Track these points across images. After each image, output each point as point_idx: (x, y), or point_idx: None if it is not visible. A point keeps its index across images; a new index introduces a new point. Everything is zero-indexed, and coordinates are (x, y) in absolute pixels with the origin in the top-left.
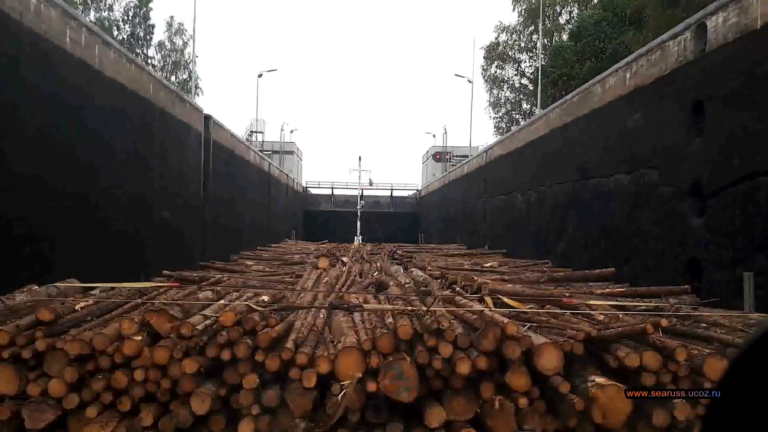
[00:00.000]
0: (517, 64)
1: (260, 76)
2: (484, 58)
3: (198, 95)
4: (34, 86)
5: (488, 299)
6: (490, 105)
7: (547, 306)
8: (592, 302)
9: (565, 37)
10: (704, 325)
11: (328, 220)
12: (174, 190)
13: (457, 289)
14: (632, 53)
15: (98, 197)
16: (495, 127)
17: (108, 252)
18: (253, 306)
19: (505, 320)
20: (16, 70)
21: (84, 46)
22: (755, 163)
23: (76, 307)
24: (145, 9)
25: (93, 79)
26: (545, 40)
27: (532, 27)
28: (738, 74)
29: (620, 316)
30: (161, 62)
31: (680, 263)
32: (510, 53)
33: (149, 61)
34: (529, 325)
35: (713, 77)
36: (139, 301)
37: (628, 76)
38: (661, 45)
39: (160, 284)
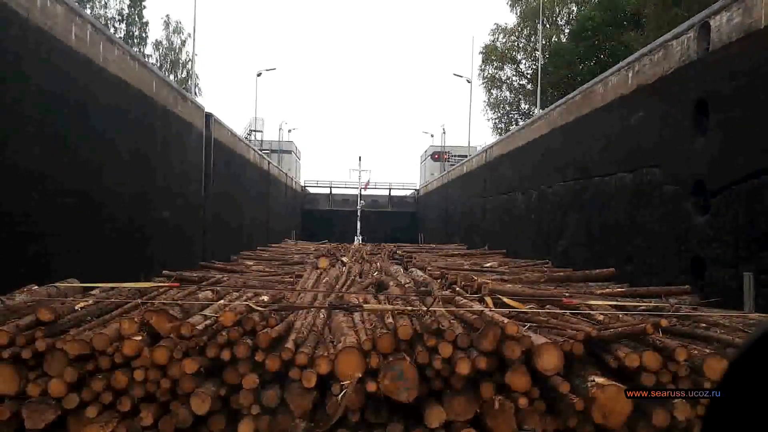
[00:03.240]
0: (515, 65)
1: (259, 75)
2: (482, 60)
3: (197, 94)
4: (39, 83)
5: (488, 299)
6: (488, 105)
7: (547, 306)
8: (592, 302)
9: (563, 37)
10: (704, 325)
11: (327, 219)
12: (175, 188)
13: (457, 289)
14: (632, 53)
15: (99, 196)
16: (494, 127)
17: (108, 251)
18: (253, 306)
19: (505, 320)
20: (21, 67)
21: (89, 43)
22: (759, 161)
23: (76, 307)
24: (138, 8)
25: (97, 77)
26: (544, 40)
27: (530, 28)
28: (742, 73)
29: (620, 316)
30: (159, 61)
31: (683, 262)
32: (508, 54)
33: (146, 59)
34: (529, 325)
35: (717, 76)
36: (139, 301)
37: (630, 75)
38: (664, 44)
39: (160, 284)
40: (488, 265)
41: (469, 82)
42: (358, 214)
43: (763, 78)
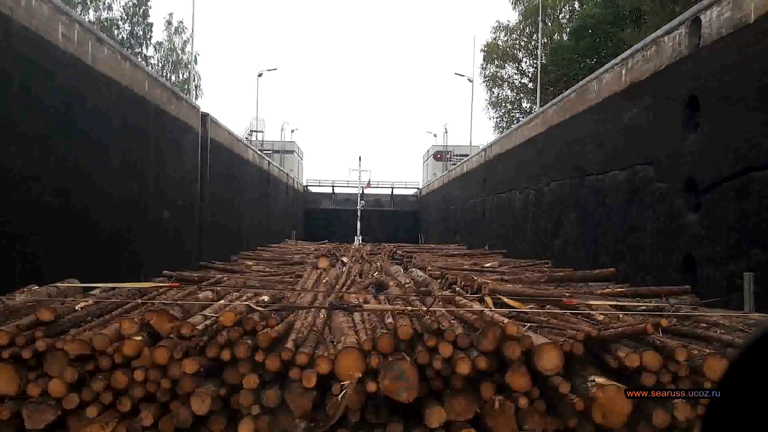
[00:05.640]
0: (516, 63)
1: (260, 75)
2: (483, 58)
3: (198, 96)
4: (26, 84)
5: (488, 299)
6: (489, 104)
7: (547, 306)
8: (592, 302)
9: (565, 36)
10: (704, 325)
11: (328, 219)
12: (171, 189)
13: (457, 289)
14: None
15: (95, 197)
16: (495, 126)
17: (106, 253)
18: (253, 306)
19: (505, 320)
20: (6, 67)
21: (77, 42)
22: (749, 159)
23: (76, 307)
24: (144, 7)
25: (86, 77)
26: (545, 39)
27: (532, 26)
28: (732, 69)
29: (620, 316)
30: (161, 61)
31: (675, 260)
32: (510, 52)
33: (149, 60)
34: (529, 325)
35: (707, 72)
36: (139, 301)
37: (623, 72)
38: (656, 40)
39: (160, 284)
40: (488, 265)
41: (470, 81)
42: (358, 214)
43: (753, 73)
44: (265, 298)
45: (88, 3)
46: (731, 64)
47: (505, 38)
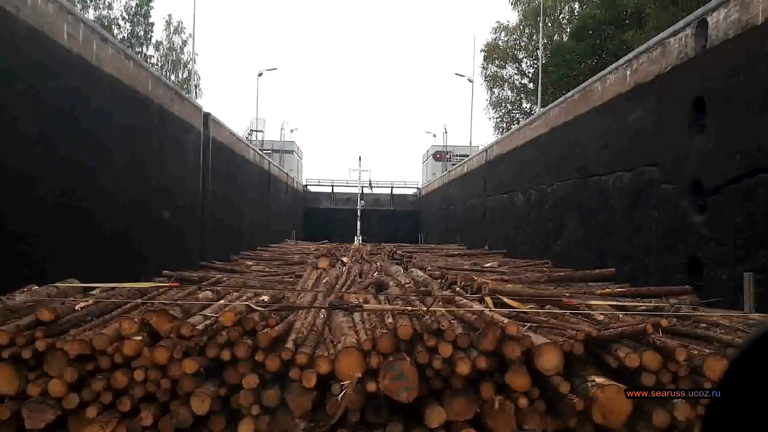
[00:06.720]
0: (517, 64)
1: (260, 75)
2: (483, 58)
3: (198, 95)
4: (31, 83)
5: (488, 299)
6: (489, 104)
7: (547, 306)
8: (592, 302)
9: (565, 36)
10: (704, 325)
11: (328, 219)
12: (173, 189)
13: (457, 289)
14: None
15: (97, 197)
16: (495, 126)
17: (108, 252)
18: (253, 306)
19: (505, 320)
20: (12, 66)
21: (81, 42)
22: (756, 160)
23: (76, 307)
24: (146, 8)
25: (90, 76)
26: (546, 39)
27: (533, 26)
28: (739, 70)
29: (620, 316)
30: (161, 61)
31: (681, 261)
32: (510, 52)
33: (149, 60)
34: (529, 325)
35: (714, 74)
36: (139, 301)
37: (628, 73)
38: (662, 42)
39: (160, 284)
40: (488, 265)
41: (470, 81)
42: (358, 213)
43: (760, 75)
44: (265, 298)
45: (89, 2)
46: (738, 66)
47: (506, 38)
